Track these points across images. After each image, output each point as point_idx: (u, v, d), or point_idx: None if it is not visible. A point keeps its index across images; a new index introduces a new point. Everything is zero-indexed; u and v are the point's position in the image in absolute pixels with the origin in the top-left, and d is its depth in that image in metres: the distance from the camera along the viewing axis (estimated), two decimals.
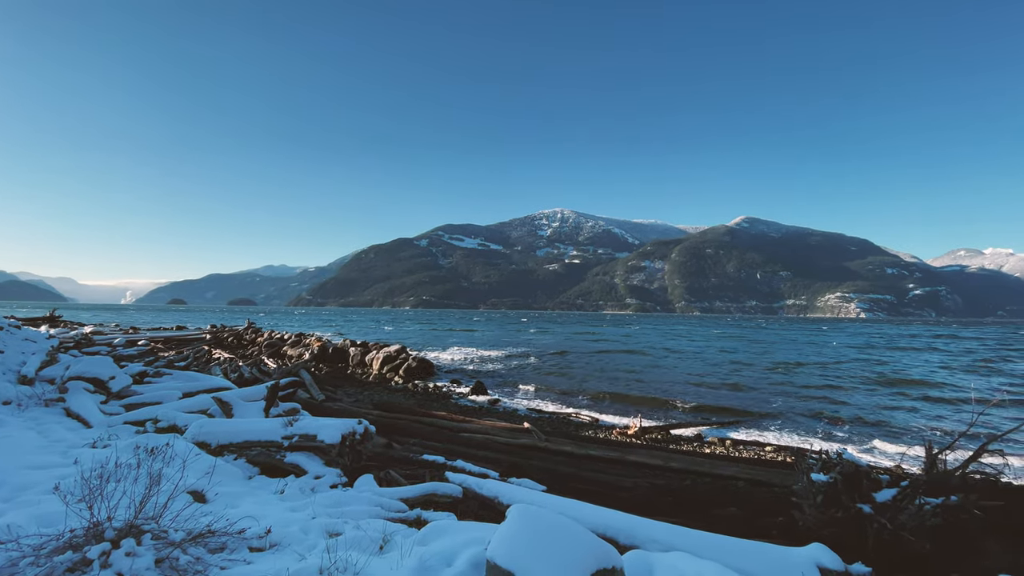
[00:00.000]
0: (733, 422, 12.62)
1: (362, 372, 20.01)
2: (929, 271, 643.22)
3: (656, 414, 13.60)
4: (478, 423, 10.08)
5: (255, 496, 4.78)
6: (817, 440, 11.02)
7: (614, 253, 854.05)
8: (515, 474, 6.35)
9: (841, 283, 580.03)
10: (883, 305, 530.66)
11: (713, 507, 5.46)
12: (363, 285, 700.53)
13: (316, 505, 4.43)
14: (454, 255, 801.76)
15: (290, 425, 6.06)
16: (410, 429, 8.81)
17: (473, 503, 4.68)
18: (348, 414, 9.58)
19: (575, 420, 12.65)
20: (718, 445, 10.37)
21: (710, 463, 7.45)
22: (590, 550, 2.17)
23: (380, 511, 4.38)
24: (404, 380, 18.14)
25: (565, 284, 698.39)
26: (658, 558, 2.83)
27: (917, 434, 11.51)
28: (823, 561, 3.21)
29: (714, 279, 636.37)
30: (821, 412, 13.91)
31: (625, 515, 3.87)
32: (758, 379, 20.21)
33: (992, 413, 13.02)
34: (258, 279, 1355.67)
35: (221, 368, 16.69)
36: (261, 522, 3.69)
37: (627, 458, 7.53)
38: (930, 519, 3.96)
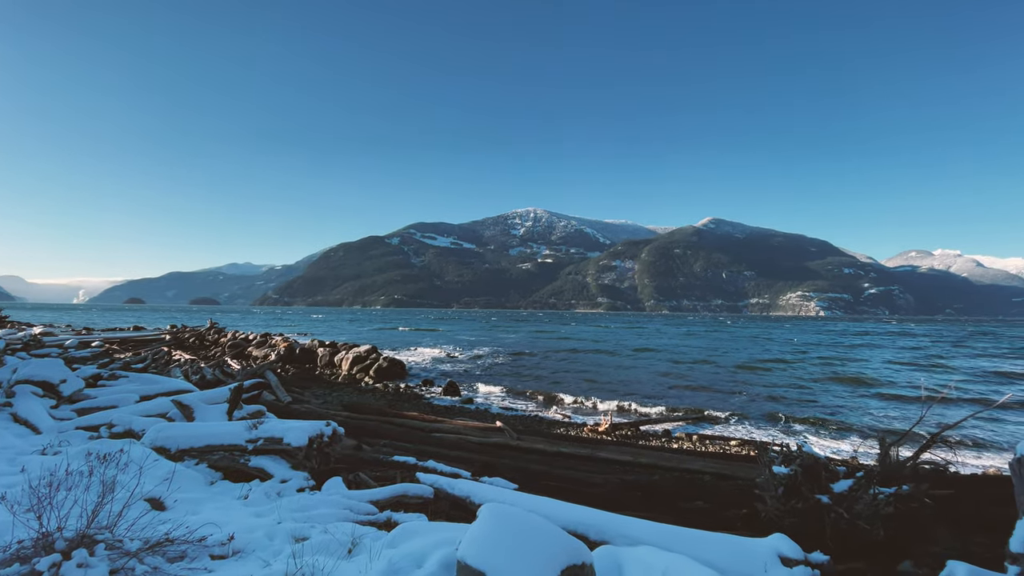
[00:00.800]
0: (700, 418, 12.95)
1: (331, 373, 19.62)
2: (883, 271, 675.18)
3: (627, 411, 13.83)
4: (450, 423, 10.03)
5: (218, 502, 4.62)
6: (779, 434, 11.43)
7: (586, 253, 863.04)
8: (487, 473, 6.34)
9: (802, 282, 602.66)
10: (841, 304, 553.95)
11: (680, 501, 5.59)
12: (332, 284, 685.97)
13: (282, 509, 4.31)
14: (426, 253, 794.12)
15: (255, 428, 5.89)
16: (380, 430, 8.69)
17: (444, 503, 4.66)
18: (316, 416, 9.38)
19: (547, 418, 12.73)
20: (686, 440, 10.62)
21: (678, 458, 7.62)
22: (560, 547, 2.19)
23: (349, 514, 4.30)
24: (375, 381, 17.87)
25: (538, 283, 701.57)
26: (627, 552, 2.88)
27: (872, 428, 12.06)
28: (784, 551, 3.33)
29: (682, 278, 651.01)
30: (783, 408, 14.42)
31: (595, 511, 3.92)
32: (724, 376, 20.80)
33: (940, 408, 13.77)
34: (222, 277, 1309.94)
35: (182, 370, 16.07)
36: (224, 528, 3.57)
37: (598, 455, 7.63)
38: (883, 508, 4.16)
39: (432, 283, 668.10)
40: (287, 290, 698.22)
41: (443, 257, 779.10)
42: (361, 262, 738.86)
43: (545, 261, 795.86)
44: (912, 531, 4.27)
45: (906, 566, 3.93)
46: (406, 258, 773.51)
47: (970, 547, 4.27)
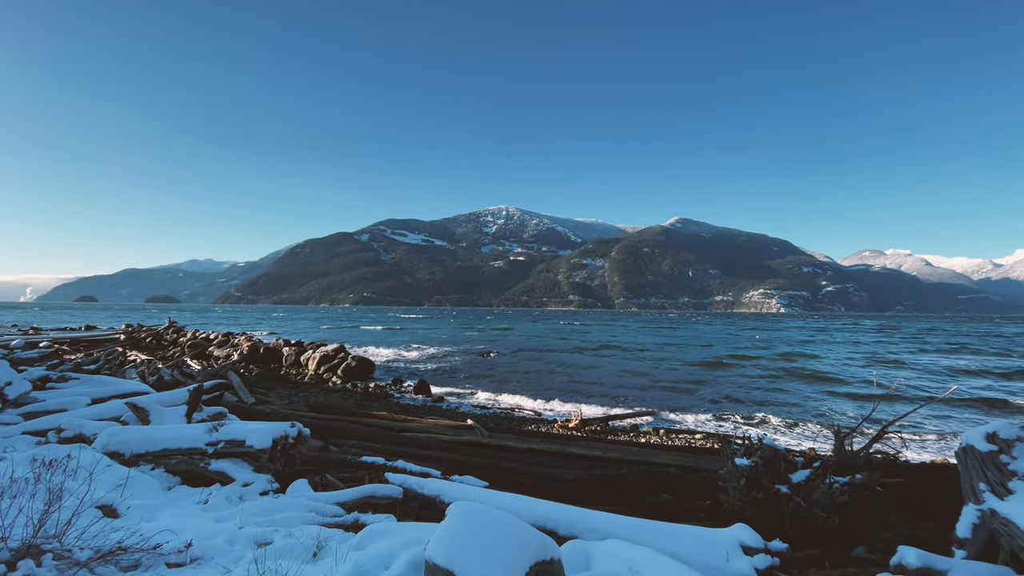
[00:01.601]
0: (667, 412, 13.24)
1: (297, 373, 19.14)
2: (839, 270, 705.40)
3: (597, 406, 14.01)
4: (420, 422, 9.94)
5: (175, 508, 4.44)
6: (742, 427, 11.80)
7: (557, 251, 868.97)
8: (458, 472, 6.31)
9: (764, 280, 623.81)
10: (800, 301, 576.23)
11: (647, 494, 5.70)
12: (298, 281, 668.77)
13: (244, 514, 4.17)
14: (397, 250, 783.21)
15: (215, 430, 5.69)
16: (348, 431, 8.53)
17: (414, 503, 4.61)
18: (280, 417, 9.14)
19: (518, 415, 12.78)
20: (653, 435, 10.84)
21: (645, 452, 7.77)
22: (529, 543, 2.20)
23: (315, 517, 4.20)
24: (343, 380, 17.53)
25: (510, 281, 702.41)
26: (594, 546, 2.92)
27: (828, 420, 12.60)
28: (745, 540, 3.44)
29: (650, 276, 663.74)
30: (746, 402, 14.90)
31: (564, 506, 3.96)
32: (690, 372, 21.33)
33: (891, 400, 14.49)
34: (181, 275, 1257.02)
35: (138, 371, 15.37)
36: (181, 535, 3.43)
37: (567, 450, 7.70)
38: (839, 496, 4.34)
39: (403, 281, 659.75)
40: (251, 288, 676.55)
41: (414, 254, 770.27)
42: (329, 259, 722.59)
43: (517, 259, 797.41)
44: (865, 518, 4.48)
45: (860, 552, 4.12)
46: (376, 255, 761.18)
47: (919, 532, 4.51)
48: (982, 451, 3.76)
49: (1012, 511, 3.36)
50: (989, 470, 3.68)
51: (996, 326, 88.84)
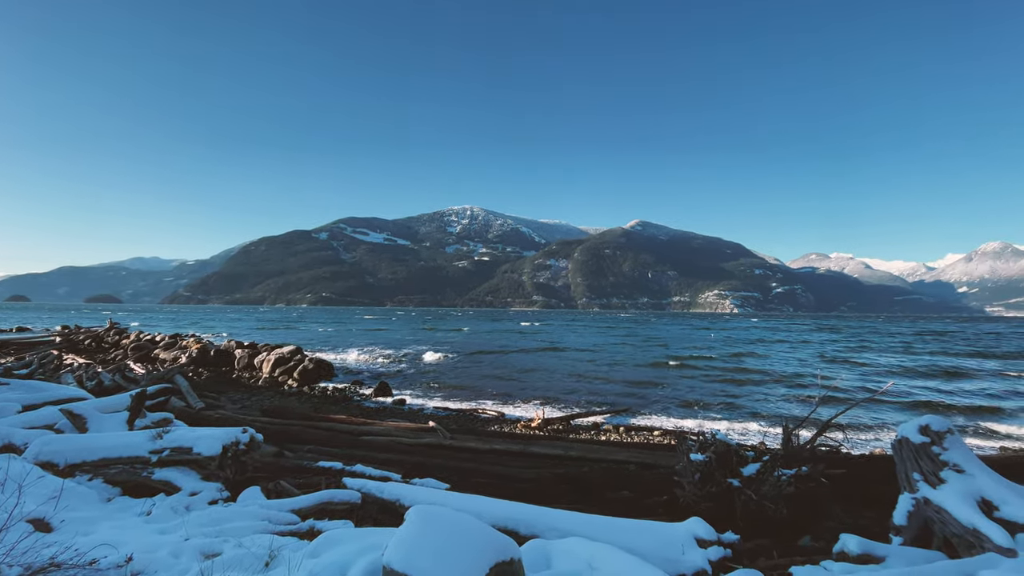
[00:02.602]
0: (627, 410, 13.51)
1: (250, 376, 18.40)
2: (788, 272, 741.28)
3: (559, 406, 14.14)
4: (381, 425, 9.74)
5: (115, 520, 4.17)
6: (697, 423, 12.19)
7: (522, 251, 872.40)
8: (419, 474, 6.22)
9: (718, 282, 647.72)
10: (752, 301, 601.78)
11: (607, 491, 5.79)
12: (253, 280, 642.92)
13: (190, 525, 3.96)
14: (358, 249, 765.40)
15: (160, 437, 5.38)
16: (304, 435, 8.26)
17: (373, 508, 4.50)
18: (232, 422, 8.76)
19: (481, 416, 12.73)
20: (613, 432, 11.04)
21: (605, 450, 7.90)
22: (489, 544, 2.18)
23: (267, 525, 4.04)
24: (299, 383, 16.98)
25: (475, 281, 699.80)
26: (555, 545, 2.93)
27: (778, 415, 13.17)
28: (699, 533, 3.54)
29: (612, 277, 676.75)
30: (702, 399, 15.40)
31: (525, 506, 3.96)
32: (650, 371, 21.87)
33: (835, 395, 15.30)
34: (124, 273, 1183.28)
35: (75, 376, 14.38)
36: (122, 549, 3.22)
37: (530, 450, 7.73)
38: (786, 488, 4.54)
39: (364, 280, 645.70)
40: (201, 287, 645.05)
41: (376, 253, 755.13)
42: (285, 257, 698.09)
43: (482, 259, 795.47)
44: (811, 508, 4.70)
45: (806, 541, 4.33)
46: (335, 254, 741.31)
47: (860, 521, 4.77)
48: (916, 443, 4.01)
49: (944, 499, 3.60)
50: (923, 461, 3.93)
51: (927, 324, 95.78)
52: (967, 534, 3.33)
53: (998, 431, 11.50)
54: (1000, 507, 3.43)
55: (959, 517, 3.42)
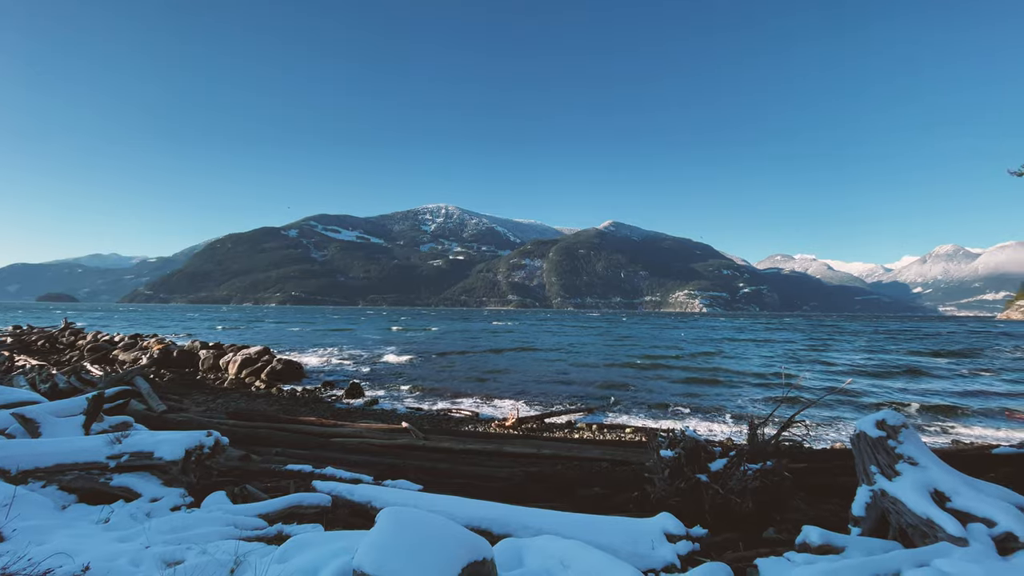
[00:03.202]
0: (600, 408, 13.68)
1: (216, 378, 17.83)
2: (755, 272, 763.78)
3: (534, 405, 14.20)
4: (352, 426, 9.59)
5: (71, 528, 3.97)
6: (668, 420, 12.43)
7: (497, 251, 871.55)
8: (391, 476, 6.15)
9: (688, 282, 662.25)
10: (720, 301, 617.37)
11: (580, 488, 5.85)
12: (219, 279, 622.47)
13: (151, 532, 3.81)
14: (329, 247, 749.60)
15: (118, 442, 5.16)
16: (272, 438, 8.06)
17: (344, 511, 4.42)
18: (196, 425, 8.47)
19: (455, 416, 12.67)
20: (586, 430, 11.15)
21: (578, 447, 7.97)
22: (461, 545, 2.17)
23: (233, 531, 3.92)
24: (267, 385, 16.54)
25: (449, 280, 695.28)
26: (527, 543, 2.94)
27: (744, 411, 13.55)
28: (669, 528, 3.61)
29: (585, 277, 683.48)
30: (672, 396, 15.71)
31: (498, 505, 3.97)
32: (622, 369, 22.18)
33: (798, 392, 15.84)
34: (81, 270, 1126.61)
35: (27, 378, 13.64)
36: (77, 558, 3.07)
37: (504, 449, 7.73)
38: (752, 482, 4.67)
39: (335, 279, 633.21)
40: (163, 286, 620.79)
41: (348, 252, 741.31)
42: (253, 255, 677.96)
43: (457, 258, 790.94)
44: (775, 501, 4.85)
45: (770, 533, 4.46)
46: (306, 252, 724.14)
47: (821, 512, 4.96)
48: (873, 437, 4.18)
49: (899, 490, 3.77)
50: (879, 454, 4.10)
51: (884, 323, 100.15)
52: (921, 524, 3.50)
53: (950, 426, 12.10)
54: (952, 498, 3.61)
55: (913, 508, 3.58)
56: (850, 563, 3.00)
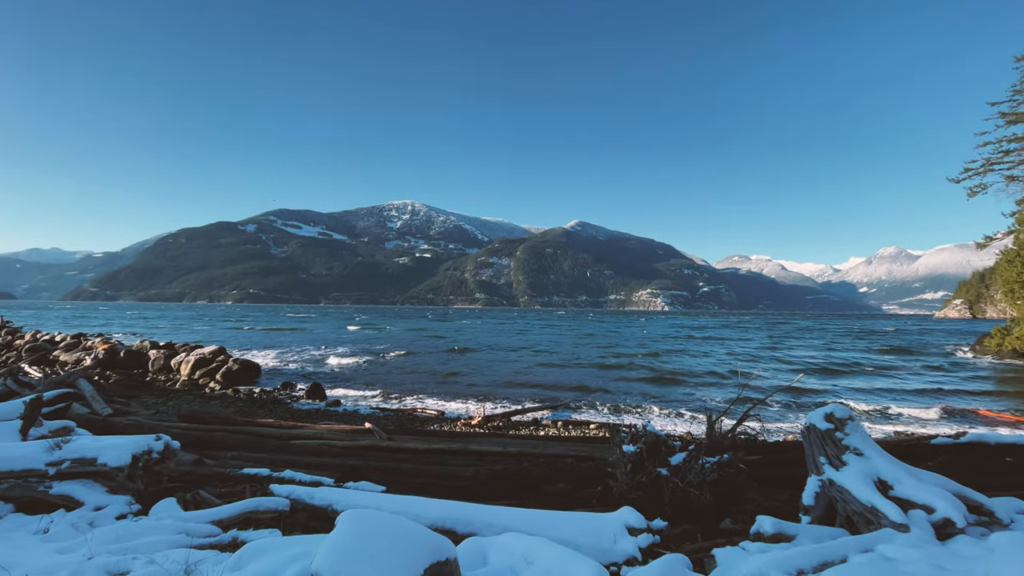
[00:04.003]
0: (566, 405, 13.82)
1: (167, 379, 17.03)
2: (713, 272, 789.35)
3: (500, 403, 14.21)
4: (313, 428, 9.33)
5: (7, 540, 3.72)
6: (630, 416, 12.69)
7: (465, 249, 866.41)
8: (354, 478, 6.02)
9: (651, 281, 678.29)
10: (681, 300, 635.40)
11: (545, 484, 5.89)
12: (171, 275, 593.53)
13: (95, 542, 3.60)
14: (290, 243, 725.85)
15: (58, 448, 4.85)
16: (228, 441, 7.76)
17: (303, 515, 4.30)
18: (145, 429, 8.07)
19: (421, 415, 12.53)
20: (552, 427, 11.25)
21: (543, 444, 8.03)
22: (424, 546, 2.14)
23: (184, 539, 3.75)
24: (223, 386, 15.91)
25: (416, 278, 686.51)
26: (491, 541, 2.94)
27: (703, 406, 13.98)
28: (630, 521, 3.68)
29: (552, 276, 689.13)
30: (635, 392, 16.05)
31: (463, 504, 3.94)
32: (587, 366, 22.48)
33: (754, 386, 16.46)
34: (19, 265, 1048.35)
35: None
36: (14, 571, 2.88)
37: (469, 448, 7.71)
38: (709, 475, 4.82)
39: (296, 276, 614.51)
40: (110, 282, 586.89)
41: (310, 248, 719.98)
42: (208, 251, 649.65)
43: (423, 256, 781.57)
44: (731, 493, 5.02)
45: (727, 523, 4.62)
46: (265, 248, 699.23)
47: (774, 503, 5.17)
48: (822, 429, 4.39)
49: (845, 480, 3.97)
50: (827, 445, 4.31)
51: (833, 321, 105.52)
52: (866, 512, 3.70)
53: (893, 417, 12.84)
54: (894, 486, 3.84)
55: (859, 496, 3.78)
56: (800, 551, 3.13)
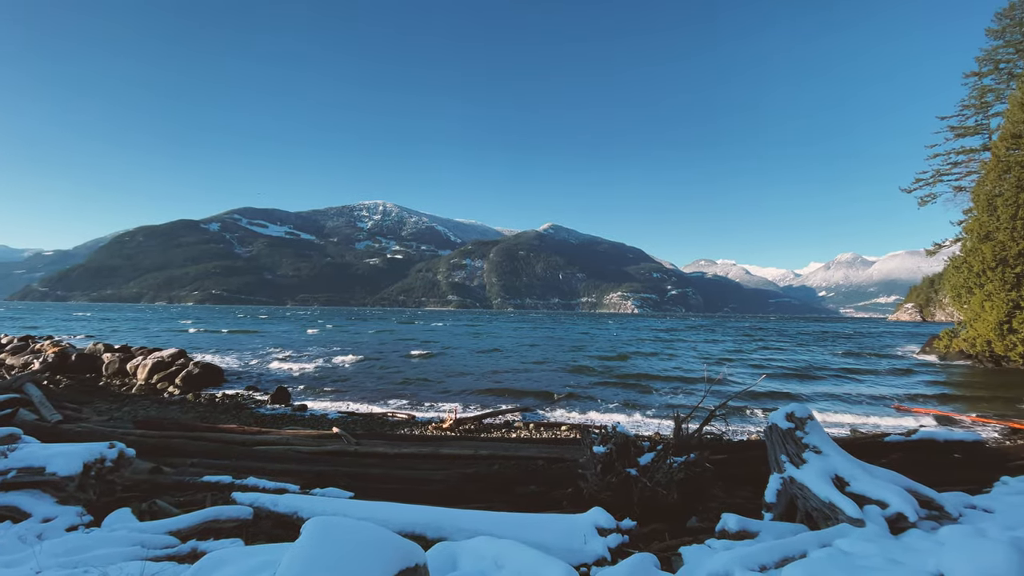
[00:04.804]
0: (538, 407, 13.87)
1: (122, 383, 16.27)
2: (681, 276, 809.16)
3: (473, 406, 14.14)
4: (278, 433, 9.08)
5: None
6: (601, 417, 12.84)
7: (437, 250, 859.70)
8: (320, 484, 5.88)
9: (621, 284, 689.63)
10: (650, 302, 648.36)
11: (516, 487, 5.89)
12: (128, 275, 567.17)
13: (43, 555, 3.40)
14: (255, 243, 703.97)
15: (3, 456, 4.59)
16: (188, 448, 7.46)
17: (266, 523, 4.17)
18: (97, 436, 7.67)
19: (391, 419, 12.35)
20: (524, 429, 11.26)
21: (515, 446, 8.03)
22: (393, 552, 2.11)
23: (140, 551, 3.58)
24: (183, 390, 15.31)
25: (387, 280, 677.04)
26: (461, 546, 2.92)
27: (672, 407, 14.26)
28: (600, 522, 3.72)
29: (525, 278, 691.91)
30: (605, 394, 16.24)
31: (433, 509, 3.91)
32: (560, 369, 22.62)
33: (721, 388, 16.88)
34: None
35: None
36: None
37: (441, 451, 7.63)
38: (677, 474, 4.92)
39: (262, 277, 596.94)
40: (61, 282, 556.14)
41: (276, 248, 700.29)
42: (168, 250, 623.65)
43: (395, 257, 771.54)
44: (697, 492, 5.14)
45: (693, 521, 4.72)
46: (229, 247, 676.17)
47: (738, 500, 5.31)
48: (783, 428, 4.55)
49: (805, 477, 4.12)
50: (788, 444, 4.47)
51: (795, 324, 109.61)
52: (824, 507, 3.85)
53: (850, 416, 13.38)
54: (851, 482, 4.01)
55: (817, 493, 3.93)
56: (763, 547, 3.23)
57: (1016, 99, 23.29)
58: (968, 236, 24.79)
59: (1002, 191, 22.87)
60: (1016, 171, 22.30)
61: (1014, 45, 27.37)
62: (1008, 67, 27.75)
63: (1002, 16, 27.73)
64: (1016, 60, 27.39)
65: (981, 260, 23.09)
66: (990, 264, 22.61)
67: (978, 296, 23.13)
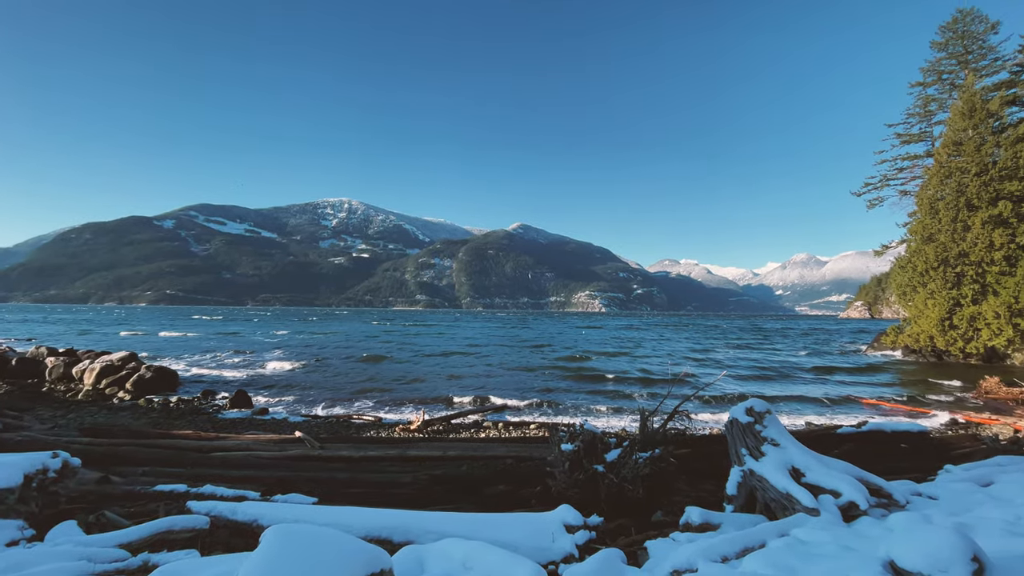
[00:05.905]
0: (506, 406, 13.88)
1: (67, 389, 15.35)
2: (647, 275, 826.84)
3: (440, 407, 14.03)
4: (237, 439, 8.75)
5: None
6: (569, 415, 12.96)
7: (405, 249, 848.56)
8: (282, 490, 5.70)
9: (589, 283, 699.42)
10: (616, 301, 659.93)
11: (485, 487, 5.87)
12: (74, 274, 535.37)
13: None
14: (212, 241, 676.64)
15: None
16: (139, 456, 7.10)
17: (224, 532, 4.01)
18: (40, 445, 7.21)
19: (356, 422, 12.11)
20: (492, 429, 11.25)
21: (484, 446, 8.00)
22: (357, 558, 2.06)
23: (86, 565, 3.38)
24: (134, 396, 14.58)
25: (353, 279, 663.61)
26: (428, 549, 2.88)
27: (638, 404, 14.54)
28: (568, 519, 3.75)
29: (495, 278, 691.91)
30: (573, 391, 16.43)
31: (399, 512, 3.85)
32: (528, 368, 22.72)
33: (684, 385, 17.33)
34: None
35: None
36: None
37: (408, 454, 7.53)
38: (642, 469, 5.02)
39: (219, 276, 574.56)
40: (1, 282, 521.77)
41: (235, 246, 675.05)
42: (118, 248, 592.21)
43: (361, 256, 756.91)
44: (662, 486, 5.26)
45: (659, 515, 4.82)
46: (184, 245, 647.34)
47: (701, 493, 5.46)
48: (743, 422, 4.69)
49: (764, 469, 4.27)
50: (748, 437, 4.61)
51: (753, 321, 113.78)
52: (782, 498, 4.00)
53: (806, 410, 13.97)
54: (806, 473, 4.18)
55: (775, 484, 4.08)
56: (725, 538, 3.33)
57: (957, 108, 24.87)
58: (912, 238, 26.30)
59: (944, 195, 24.39)
60: (956, 176, 23.81)
61: (956, 57, 29.19)
62: (951, 78, 29.59)
63: (946, 29, 29.54)
64: (958, 71, 29.20)
65: (924, 260, 24.54)
66: (933, 264, 24.05)
67: (921, 294, 24.57)
